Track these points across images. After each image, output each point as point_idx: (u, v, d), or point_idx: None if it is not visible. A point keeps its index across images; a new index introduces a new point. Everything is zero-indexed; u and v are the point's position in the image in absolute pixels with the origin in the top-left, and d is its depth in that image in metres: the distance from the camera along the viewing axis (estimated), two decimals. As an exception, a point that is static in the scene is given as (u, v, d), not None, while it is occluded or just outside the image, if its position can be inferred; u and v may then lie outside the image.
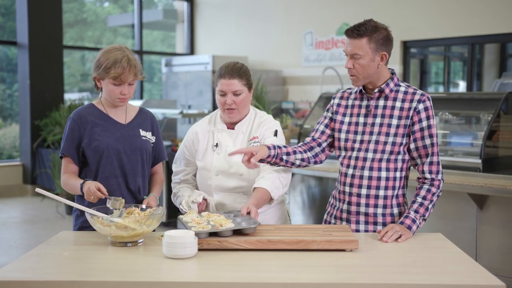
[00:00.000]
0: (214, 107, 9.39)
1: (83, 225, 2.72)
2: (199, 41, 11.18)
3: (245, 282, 1.99)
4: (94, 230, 2.61)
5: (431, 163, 2.63)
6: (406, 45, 8.40)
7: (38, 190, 2.44)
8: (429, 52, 9.46)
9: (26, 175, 8.77)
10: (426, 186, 2.63)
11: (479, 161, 4.23)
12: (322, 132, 2.83)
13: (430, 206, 2.61)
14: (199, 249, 2.24)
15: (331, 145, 2.83)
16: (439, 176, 2.64)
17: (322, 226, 2.53)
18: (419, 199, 2.61)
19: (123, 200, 2.54)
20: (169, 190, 6.56)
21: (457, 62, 10.24)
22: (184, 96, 9.90)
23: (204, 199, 2.75)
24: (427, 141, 2.61)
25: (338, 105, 2.80)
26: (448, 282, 1.95)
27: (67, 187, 2.70)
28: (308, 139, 2.86)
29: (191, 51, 11.22)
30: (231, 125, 2.87)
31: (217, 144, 2.85)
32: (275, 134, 2.83)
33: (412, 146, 2.64)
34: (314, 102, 8.87)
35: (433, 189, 2.62)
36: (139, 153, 2.76)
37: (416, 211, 2.58)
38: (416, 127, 2.61)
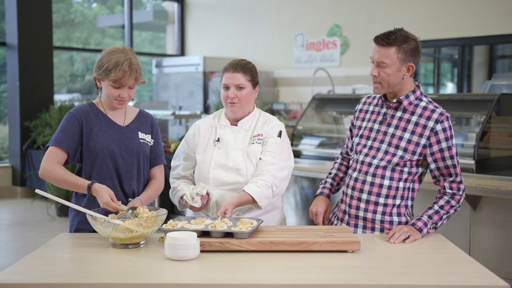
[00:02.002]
0: (206, 108, 9.37)
1: (79, 227, 2.68)
2: (189, 42, 11.16)
3: (248, 284, 1.98)
4: (91, 231, 2.61)
5: (453, 182, 2.63)
6: (396, 47, 8.43)
7: (38, 191, 2.42)
8: (419, 53, 9.49)
9: (15, 176, 8.70)
10: (446, 198, 2.63)
11: (472, 162, 4.25)
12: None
13: (444, 217, 2.59)
14: (201, 251, 2.24)
15: None
16: (461, 192, 2.63)
17: (323, 227, 2.54)
18: (436, 207, 2.60)
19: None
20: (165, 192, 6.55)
21: (445, 64, 10.30)
22: (175, 97, 9.88)
23: (207, 194, 2.74)
24: (449, 162, 2.59)
25: (360, 110, 2.82)
26: (452, 283, 1.96)
27: (60, 179, 2.59)
28: (344, 151, 2.98)
29: (182, 52, 11.19)
30: (234, 122, 2.89)
31: (218, 139, 2.86)
32: (279, 135, 2.84)
33: (432, 166, 2.62)
34: (305, 103, 8.90)
35: (453, 202, 2.62)
36: (135, 157, 2.74)
37: (430, 217, 2.57)
38: (435, 148, 2.58)
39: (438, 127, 2.56)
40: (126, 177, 2.71)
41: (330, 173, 2.97)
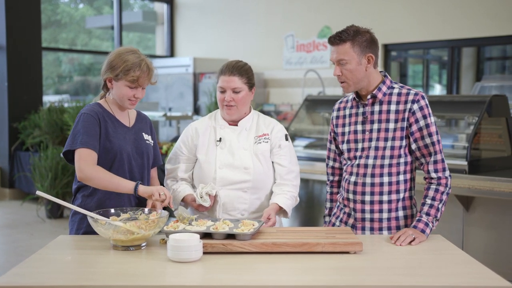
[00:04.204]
0: (196, 110, 9.35)
1: (89, 230, 2.61)
2: (179, 43, 11.14)
3: (251, 285, 1.98)
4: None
5: (435, 162, 2.62)
6: (387, 48, 8.49)
7: (38, 192, 2.40)
8: (409, 55, 9.58)
9: (4, 178, 8.62)
10: (433, 186, 2.61)
11: (465, 163, 4.28)
12: (335, 153, 2.91)
13: (440, 206, 2.59)
14: (204, 253, 2.23)
15: None
16: (446, 174, 2.62)
17: (324, 229, 2.54)
18: (429, 201, 2.60)
19: (189, 217, 2.54)
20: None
21: (433, 65, 10.38)
22: (165, 99, 9.85)
23: (215, 195, 2.76)
24: (428, 140, 2.60)
25: (337, 117, 2.83)
26: (456, 284, 1.96)
27: (104, 181, 2.53)
28: (330, 171, 2.95)
29: (171, 53, 11.17)
30: (232, 123, 2.89)
31: (220, 139, 2.85)
32: (286, 138, 2.89)
33: (413, 146, 2.63)
34: (295, 104, 8.92)
35: (441, 188, 2.60)
36: (145, 157, 2.74)
37: (428, 214, 2.57)
38: (414, 127, 2.60)
39: (415, 106, 2.59)
40: (138, 179, 2.70)
41: (326, 207, 2.98)
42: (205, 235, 2.36)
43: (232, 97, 2.78)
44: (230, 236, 2.34)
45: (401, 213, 2.67)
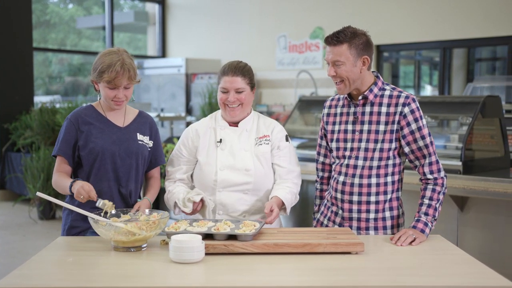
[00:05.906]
0: (188, 110, 9.34)
1: (73, 225, 2.71)
2: (171, 43, 11.12)
3: (253, 286, 1.98)
4: (84, 229, 2.68)
5: (430, 164, 2.64)
6: (379, 49, 8.52)
7: (39, 193, 2.40)
8: (400, 56, 9.63)
9: (-5, 179, 8.57)
10: (430, 186, 2.64)
11: (459, 163, 4.30)
12: (326, 149, 2.91)
13: (438, 206, 2.61)
14: (205, 253, 2.23)
15: None
16: (441, 174, 2.65)
17: (325, 229, 2.54)
18: (426, 201, 2.61)
19: (112, 204, 2.56)
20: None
21: (424, 66, 10.44)
22: (157, 99, 9.83)
23: (201, 200, 2.73)
24: (421, 143, 2.62)
25: (328, 115, 2.84)
26: (458, 284, 1.98)
27: (57, 186, 2.69)
28: (320, 167, 2.95)
29: (163, 54, 11.14)
30: (233, 124, 2.87)
31: (220, 140, 2.84)
32: (286, 139, 2.88)
33: (406, 150, 2.64)
34: (288, 105, 8.93)
35: (438, 188, 2.63)
36: (134, 158, 2.74)
37: (426, 214, 2.58)
38: (406, 130, 2.61)
39: (406, 109, 2.61)
40: (124, 178, 2.72)
41: (315, 204, 2.99)
42: (206, 236, 2.36)
43: (235, 97, 2.76)
44: (232, 237, 2.34)
45: (387, 214, 2.69)
